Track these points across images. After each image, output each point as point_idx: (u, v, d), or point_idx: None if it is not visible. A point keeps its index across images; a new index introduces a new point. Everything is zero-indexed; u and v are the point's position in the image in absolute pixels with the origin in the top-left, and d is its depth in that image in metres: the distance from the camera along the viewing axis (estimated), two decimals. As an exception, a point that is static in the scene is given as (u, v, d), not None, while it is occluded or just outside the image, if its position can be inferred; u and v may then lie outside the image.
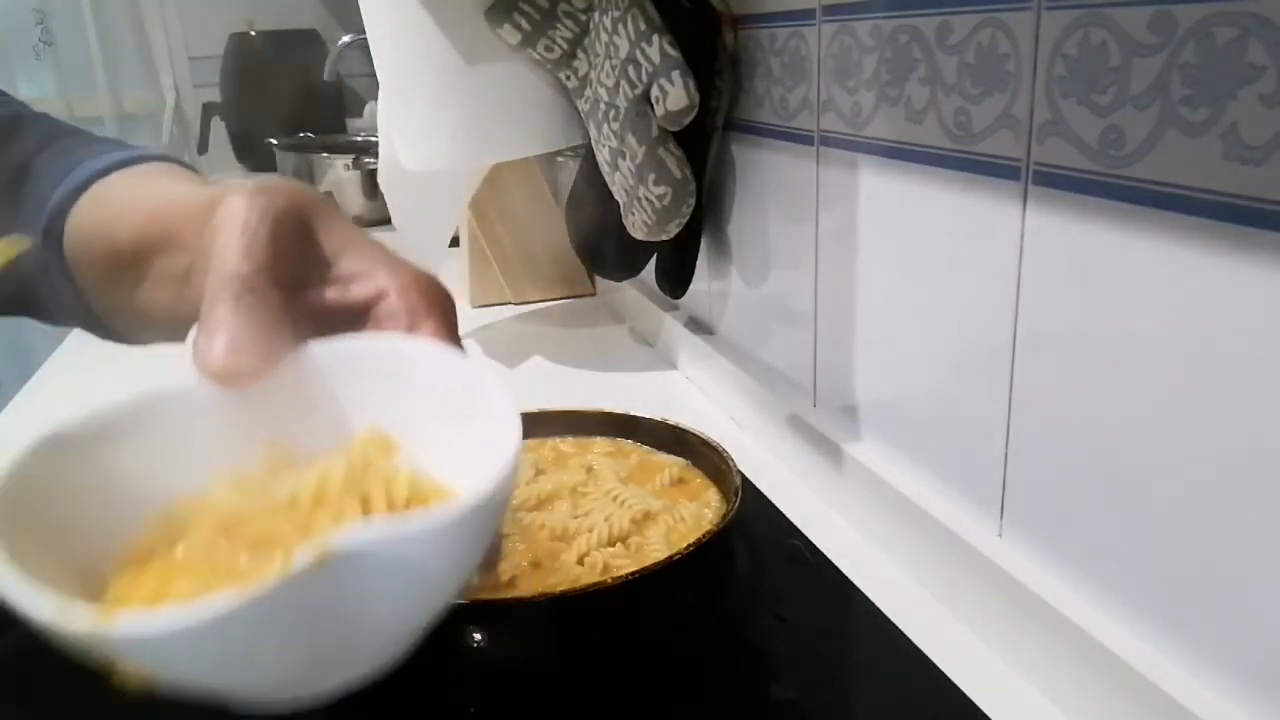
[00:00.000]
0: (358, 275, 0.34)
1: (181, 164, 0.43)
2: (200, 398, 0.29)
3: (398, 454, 0.30)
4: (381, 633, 0.26)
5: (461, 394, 0.30)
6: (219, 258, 0.31)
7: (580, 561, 0.51)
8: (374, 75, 0.82)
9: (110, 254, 0.38)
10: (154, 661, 0.23)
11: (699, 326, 0.89)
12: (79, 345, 1.11)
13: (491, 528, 0.27)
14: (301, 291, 0.33)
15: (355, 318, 0.34)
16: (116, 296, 0.39)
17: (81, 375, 0.99)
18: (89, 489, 0.27)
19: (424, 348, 0.31)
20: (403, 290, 0.33)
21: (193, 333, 0.30)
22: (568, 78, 0.81)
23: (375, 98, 0.95)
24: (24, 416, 0.89)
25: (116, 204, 0.39)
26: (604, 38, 0.74)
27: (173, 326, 0.34)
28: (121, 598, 0.26)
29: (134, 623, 0.22)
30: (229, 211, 0.32)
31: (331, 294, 0.34)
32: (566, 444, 0.65)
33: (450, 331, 0.34)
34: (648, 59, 0.69)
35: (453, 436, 0.30)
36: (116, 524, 0.27)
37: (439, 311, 0.34)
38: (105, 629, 0.22)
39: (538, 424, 0.66)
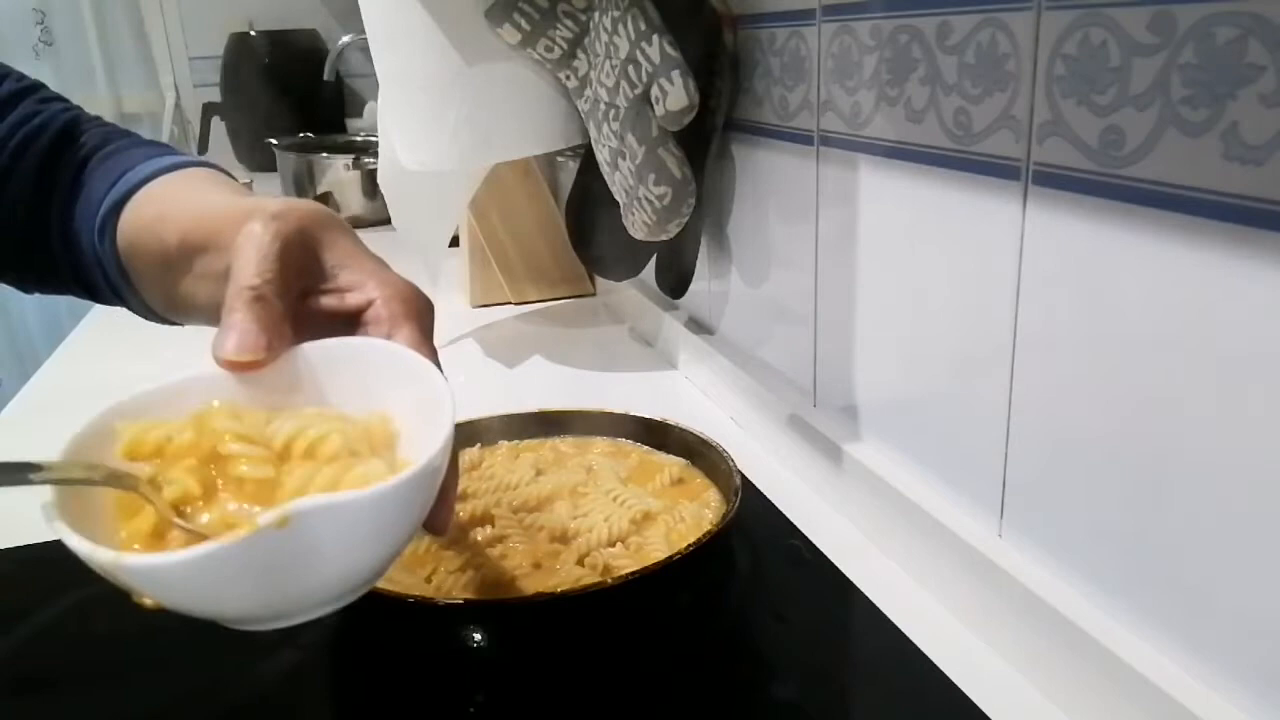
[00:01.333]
0: (353, 286, 0.40)
1: (220, 170, 0.50)
2: (218, 380, 0.37)
3: (397, 440, 0.37)
4: (338, 575, 0.32)
5: (414, 385, 0.37)
6: (236, 271, 0.38)
7: (580, 562, 0.51)
8: (374, 75, 0.82)
9: (159, 251, 0.45)
10: (154, 590, 0.30)
11: (699, 326, 0.89)
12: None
13: (425, 495, 0.34)
14: (305, 298, 0.40)
15: (348, 321, 0.40)
16: (163, 286, 0.46)
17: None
18: None
19: (390, 347, 0.38)
20: (387, 300, 0.40)
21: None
22: (568, 78, 0.81)
23: (375, 98, 0.95)
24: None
25: (164, 207, 0.46)
26: (604, 38, 0.74)
27: (210, 314, 0.41)
28: (133, 531, 0.33)
29: (136, 562, 0.29)
30: (249, 233, 0.38)
31: (330, 301, 0.41)
32: (566, 444, 0.65)
33: (424, 334, 0.40)
34: (648, 59, 0.69)
35: (407, 417, 0.37)
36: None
37: (415, 317, 0.40)
38: (117, 564, 0.29)
39: (538, 424, 0.66)
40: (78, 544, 0.29)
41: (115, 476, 0.32)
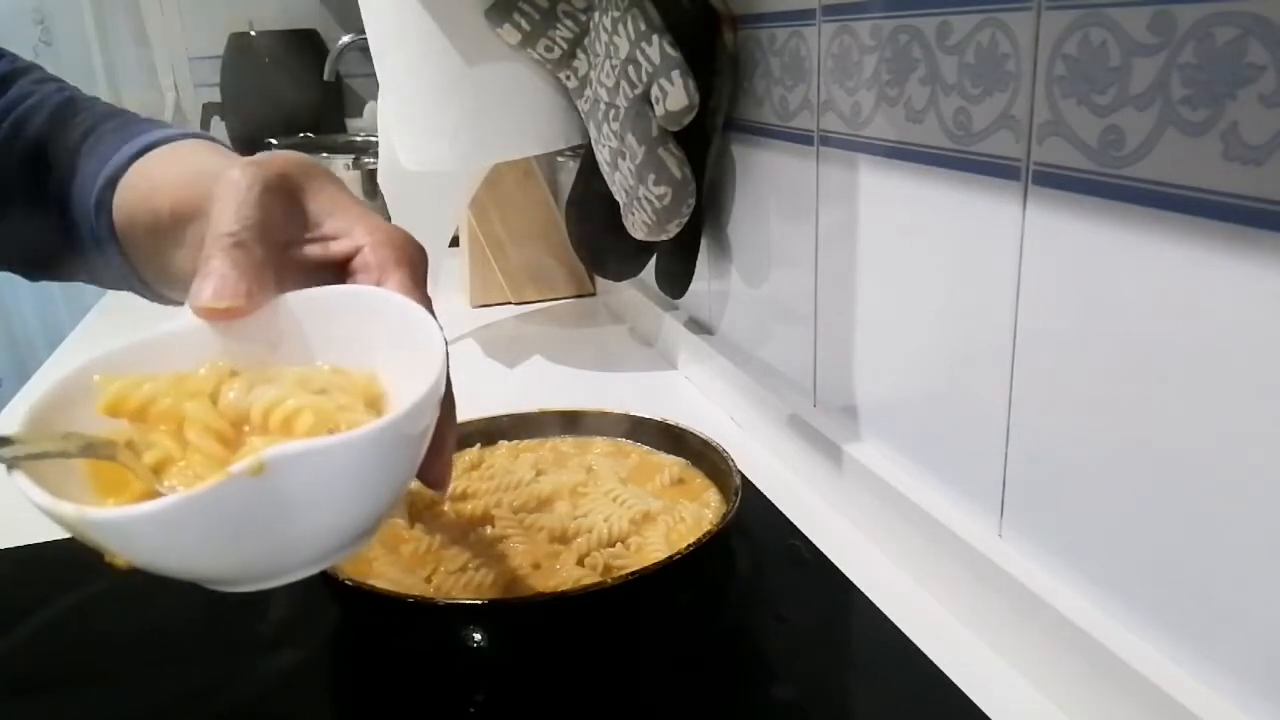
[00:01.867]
0: (339, 233, 0.39)
1: (214, 140, 0.49)
2: (199, 334, 0.35)
3: (384, 397, 0.35)
4: (321, 530, 0.30)
5: (405, 333, 0.35)
6: (215, 218, 0.36)
7: (580, 562, 0.51)
8: (374, 75, 0.82)
9: (151, 222, 0.43)
10: (123, 547, 0.28)
11: (699, 326, 0.89)
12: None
13: (412, 445, 0.32)
14: (290, 248, 0.38)
15: (336, 270, 0.39)
16: (158, 260, 0.45)
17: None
18: None
19: (380, 294, 0.36)
20: (375, 246, 0.38)
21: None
22: (568, 78, 0.81)
23: (375, 98, 0.95)
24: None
25: (156, 178, 0.45)
26: (604, 38, 0.73)
27: None
28: (106, 486, 0.31)
29: (101, 515, 0.27)
30: (227, 180, 0.37)
31: (315, 250, 0.39)
32: (566, 444, 0.65)
33: (415, 281, 0.38)
34: (648, 59, 0.69)
35: (399, 365, 0.35)
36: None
37: (407, 263, 0.38)
38: (82, 518, 0.27)
39: (538, 424, 0.66)
40: (40, 497, 0.27)
41: (92, 447, 0.30)
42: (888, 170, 0.56)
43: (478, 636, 0.46)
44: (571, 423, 0.66)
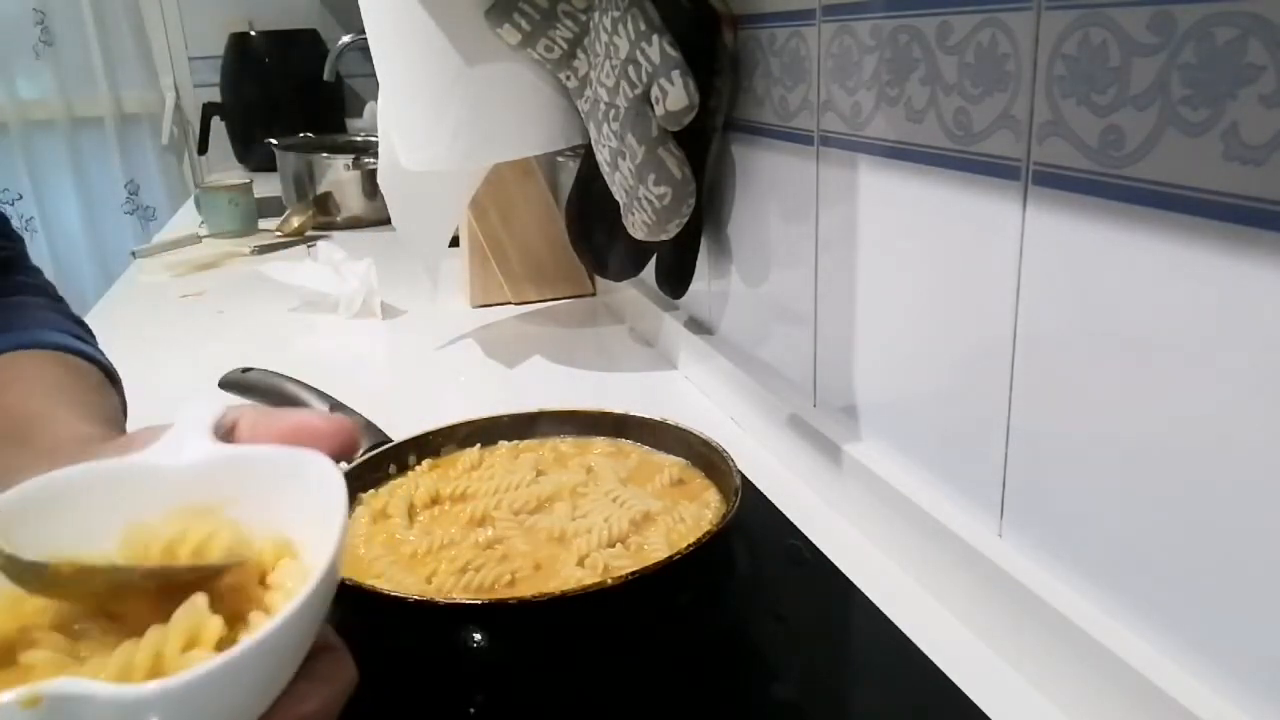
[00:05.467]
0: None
1: (76, 355, 0.51)
2: (108, 481, 0.32)
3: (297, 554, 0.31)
4: None
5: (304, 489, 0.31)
6: None
7: (580, 563, 0.51)
8: (374, 75, 0.82)
9: None
10: None
11: (699, 326, 0.89)
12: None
13: (256, 685, 0.26)
14: None
15: None
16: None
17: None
18: None
19: (269, 451, 0.33)
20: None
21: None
22: (568, 78, 0.81)
23: (375, 98, 0.95)
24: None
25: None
26: (604, 38, 0.74)
27: None
28: None
29: None
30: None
31: None
32: (566, 444, 0.65)
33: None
34: (648, 59, 0.69)
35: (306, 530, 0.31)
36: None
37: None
38: None
39: (538, 424, 0.66)
40: None
41: None
42: (888, 170, 0.56)
43: (478, 636, 0.46)
44: (571, 422, 0.66)
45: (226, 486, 0.32)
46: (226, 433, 0.35)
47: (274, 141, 1.73)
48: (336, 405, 0.67)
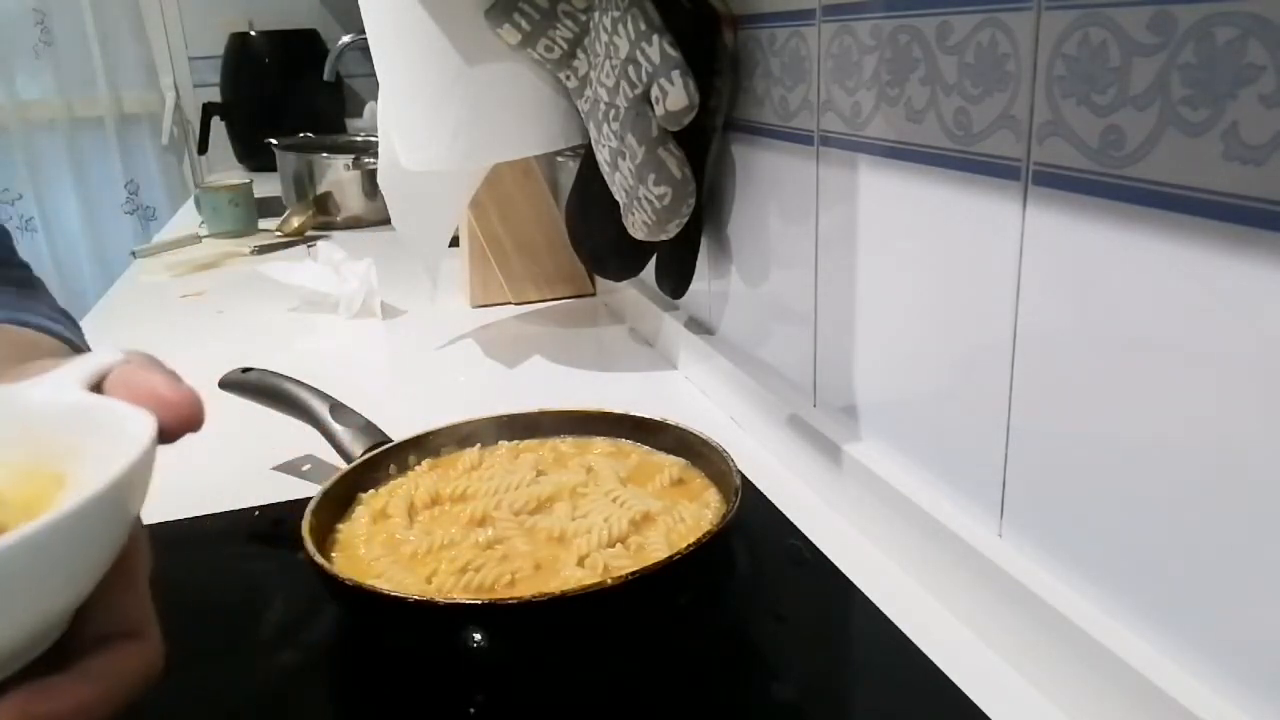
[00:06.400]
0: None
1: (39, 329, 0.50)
2: None
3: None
4: None
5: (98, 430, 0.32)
6: None
7: (580, 563, 0.51)
8: (374, 75, 0.82)
9: None
10: None
11: (699, 326, 0.89)
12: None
13: (68, 558, 0.27)
14: None
15: None
16: None
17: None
18: None
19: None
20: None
21: None
22: (568, 78, 0.81)
23: (375, 98, 0.95)
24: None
25: None
26: (604, 38, 0.74)
27: None
28: None
29: None
30: None
31: None
32: (566, 444, 0.65)
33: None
34: (648, 59, 0.69)
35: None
36: None
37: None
38: None
39: (538, 424, 0.66)
40: None
41: None
42: (888, 170, 0.56)
43: (478, 636, 0.46)
44: (571, 423, 0.66)
45: (61, 432, 0.33)
46: (98, 383, 0.35)
47: (274, 141, 1.73)
48: (337, 405, 0.66)
